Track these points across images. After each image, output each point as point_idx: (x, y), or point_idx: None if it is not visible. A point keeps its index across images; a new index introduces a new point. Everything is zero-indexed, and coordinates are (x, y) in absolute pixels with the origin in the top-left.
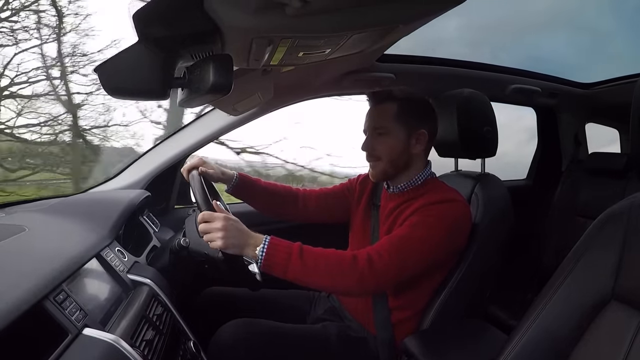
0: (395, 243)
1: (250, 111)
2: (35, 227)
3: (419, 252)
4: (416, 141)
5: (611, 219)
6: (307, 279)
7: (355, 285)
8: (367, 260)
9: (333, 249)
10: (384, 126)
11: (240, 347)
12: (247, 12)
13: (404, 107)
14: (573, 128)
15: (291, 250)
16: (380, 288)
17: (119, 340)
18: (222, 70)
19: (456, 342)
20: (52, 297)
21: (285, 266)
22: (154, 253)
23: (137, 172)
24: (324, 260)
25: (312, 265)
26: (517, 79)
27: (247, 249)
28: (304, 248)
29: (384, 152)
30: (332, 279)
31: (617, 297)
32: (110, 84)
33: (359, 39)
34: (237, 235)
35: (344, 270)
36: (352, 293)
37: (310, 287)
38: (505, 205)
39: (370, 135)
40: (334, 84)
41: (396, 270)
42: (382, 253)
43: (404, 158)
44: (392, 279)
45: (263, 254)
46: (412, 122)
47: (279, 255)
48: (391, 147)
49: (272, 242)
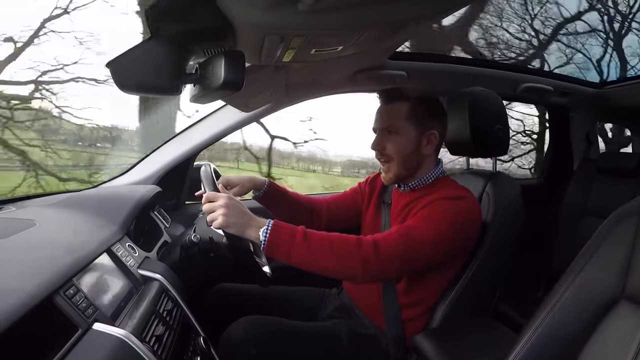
0: (403, 232)
1: (262, 108)
2: (46, 222)
3: (426, 243)
4: (427, 142)
5: (622, 218)
6: (311, 261)
7: (360, 268)
8: (373, 244)
9: (337, 233)
10: (395, 125)
11: (250, 345)
12: (260, 8)
13: (415, 107)
14: (585, 127)
15: (295, 232)
16: (384, 274)
17: (129, 335)
18: (234, 66)
19: (466, 340)
20: (62, 291)
21: (289, 248)
22: (164, 249)
23: (148, 167)
24: (328, 242)
25: (316, 247)
26: (529, 78)
27: (250, 230)
28: (308, 231)
29: (394, 152)
30: (336, 261)
31: (627, 296)
32: (123, 79)
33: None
34: (239, 214)
35: (348, 252)
36: (356, 277)
37: (314, 271)
38: (517, 204)
39: (380, 134)
40: (346, 81)
41: (401, 257)
42: (389, 239)
43: (415, 158)
44: (396, 266)
45: (267, 235)
46: (423, 122)
47: (283, 237)
48: (402, 146)
49: (276, 224)
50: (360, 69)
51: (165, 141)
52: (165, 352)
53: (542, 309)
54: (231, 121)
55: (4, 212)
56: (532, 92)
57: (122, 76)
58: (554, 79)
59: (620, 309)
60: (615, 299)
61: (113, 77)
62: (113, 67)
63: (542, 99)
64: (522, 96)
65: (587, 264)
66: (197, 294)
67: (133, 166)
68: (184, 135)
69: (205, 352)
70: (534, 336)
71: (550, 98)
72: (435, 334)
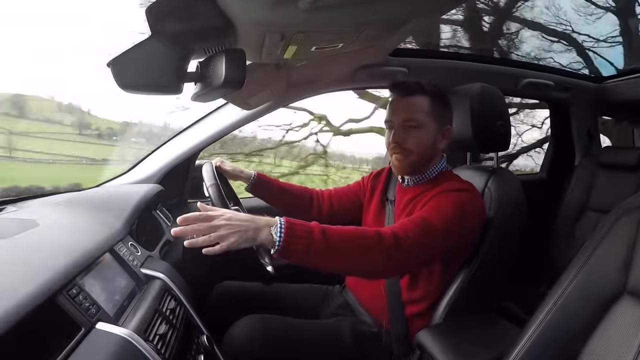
0: (419, 223)
1: (264, 105)
2: (48, 222)
3: (439, 232)
4: (442, 136)
5: (623, 213)
6: (331, 258)
7: (383, 261)
8: (394, 237)
9: (353, 226)
10: (417, 119)
11: (254, 343)
12: (260, 6)
13: (436, 102)
14: (586, 122)
15: (312, 229)
16: (406, 268)
17: (133, 334)
18: (235, 64)
19: (469, 336)
20: (65, 291)
21: (307, 246)
22: (167, 247)
23: (150, 166)
24: (347, 235)
25: (337, 241)
26: (530, 73)
27: (260, 233)
28: (324, 225)
29: (415, 145)
30: (359, 256)
31: (630, 291)
32: (123, 78)
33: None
34: (244, 223)
35: (371, 246)
36: (378, 270)
37: (332, 270)
38: (518, 199)
39: (400, 128)
40: (347, 78)
41: (421, 249)
42: (407, 229)
43: (431, 152)
44: (417, 258)
45: (281, 234)
46: (442, 117)
47: (299, 234)
48: (423, 140)
49: (289, 221)
50: (361, 65)
51: (167, 140)
52: (168, 351)
53: (544, 304)
54: (232, 119)
55: (6, 212)
56: (533, 88)
57: (123, 75)
58: (555, 73)
59: (622, 304)
60: (618, 294)
61: (114, 76)
62: (114, 67)
63: (543, 94)
64: (524, 91)
65: (589, 259)
66: (200, 292)
67: (135, 165)
68: (186, 133)
69: (209, 351)
70: (537, 331)
71: (551, 93)
72: (438, 330)
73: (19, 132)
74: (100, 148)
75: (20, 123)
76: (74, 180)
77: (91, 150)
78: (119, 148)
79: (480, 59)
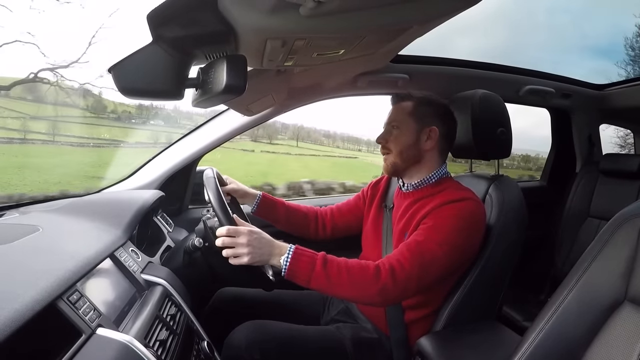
0: (415, 251)
1: (264, 112)
2: (49, 227)
3: (438, 258)
4: (427, 137)
5: (624, 220)
6: (329, 289)
7: (378, 296)
8: (390, 272)
9: (356, 260)
10: (397, 120)
11: (254, 349)
12: (262, 12)
13: (418, 104)
14: (587, 129)
15: (315, 261)
16: (402, 298)
17: (133, 340)
18: (236, 70)
19: (470, 343)
20: (65, 297)
21: (308, 276)
22: (167, 253)
23: (151, 172)
24: (346, 271)
25: (335, 275)
26: (531, 80)
27: (272, 259)
28: (328, 258)
29: (394, 144)
30: (354, 291)
31: (630, 298)
32: (124, 84)
33: (373, 39)
34: (261, 245)
35: (366, 282)
36: (375, 304)
37: (333, 296)
38: (520, 206)
39: (385, 129)
40: (348, 85)
41: (418, 279)
42: (404, 263)
43: (413, 152)
44: (414, 288)
45: (287, 264)
46: (424, 118)
47: (303, 265)
48: (401, 140)
49: (297, 251)
50: (362, 72)
51: (168, 146)
52: (169, 357)
53: (545, 311)
54: (233, 125)
55: (8, 217)
56: (534, 94)
57: (123, 81)
58: (556, 80)
59: (623, 311)
60: (619, 301)
61: (115, 81)
62: (115, 72)
63: (544, 101)
64: (525, 98)
65: (590, 266)
66: (201, 298)
67: (136, 171)
68: (187, 140)
69: (209, 357)
70: (537, 339)
71: (552, 100)
72: (439, 337)
73: (46, 117)
74: (123, 131)
75: (41, 107)
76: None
77: (114, 133)
78: (147, 131)
79: (482, 65)
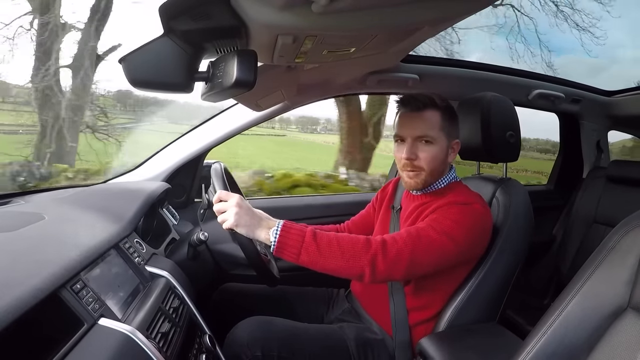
0: (413, 233)
1: (273, 107)
2: (54, 216)
3: (433, 246)
4: (452, 151)
5: (630, 227)
6: (320, 261)
7: (368, 268)
8: (381, 244)
9: (346, 233)
10: (430, 135)
11: (256, 345)
12: (273, 8)
13: (445, 117)
14: (595, 135)
15: (304, 233)
16: (390, 275)
17: (135, 331)
18: (247, 65)
19: (472, 345)
20: (69, 286)
21: (298, 248)
22: (172, 246)
23: (158, 164)
24: (337, 242)
25: (325, 247)
26: (541, 84)
27: (259, 230)
28: (317, 231)
29: (427, 162)
30: (345, 261)
31: (634, 306)
32: (134, 75)
33: (385, 38)
34: (250, 215)
35: (357, 252)
36: (364, 277)
37: (323, 271)
38: (526, 210)
39: (413, 144)
40: (357, 83)
41: (408, 260)
42: (397, 239)
43: (442, 167)
44: (402, 268)
45: (276, 236)
46: (451, 132)
47: (292, 237)
48: (435, 156)
49: (286, 224)
50: (372, 71)
51: (176, 138)
52: (170, 349)
53: (548, 316)
54: (242, 120)
55: (13, 205)
56: (544, 99)
57: (134, 72)
58: (566, 85)
59: (626, 319)
60: (622, 309)
61: (125, 72)
62: (125, 63)
63: (553, 105)
64: (534, 102)
65: (594, 272)
66: (204, 292)
67: (143, 162)
68: (195, 133)
69: (211, 351)
70: (539, 343)
71: (561, 105)
72: (440, 338)
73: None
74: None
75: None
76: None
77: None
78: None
79: (492, 68)
